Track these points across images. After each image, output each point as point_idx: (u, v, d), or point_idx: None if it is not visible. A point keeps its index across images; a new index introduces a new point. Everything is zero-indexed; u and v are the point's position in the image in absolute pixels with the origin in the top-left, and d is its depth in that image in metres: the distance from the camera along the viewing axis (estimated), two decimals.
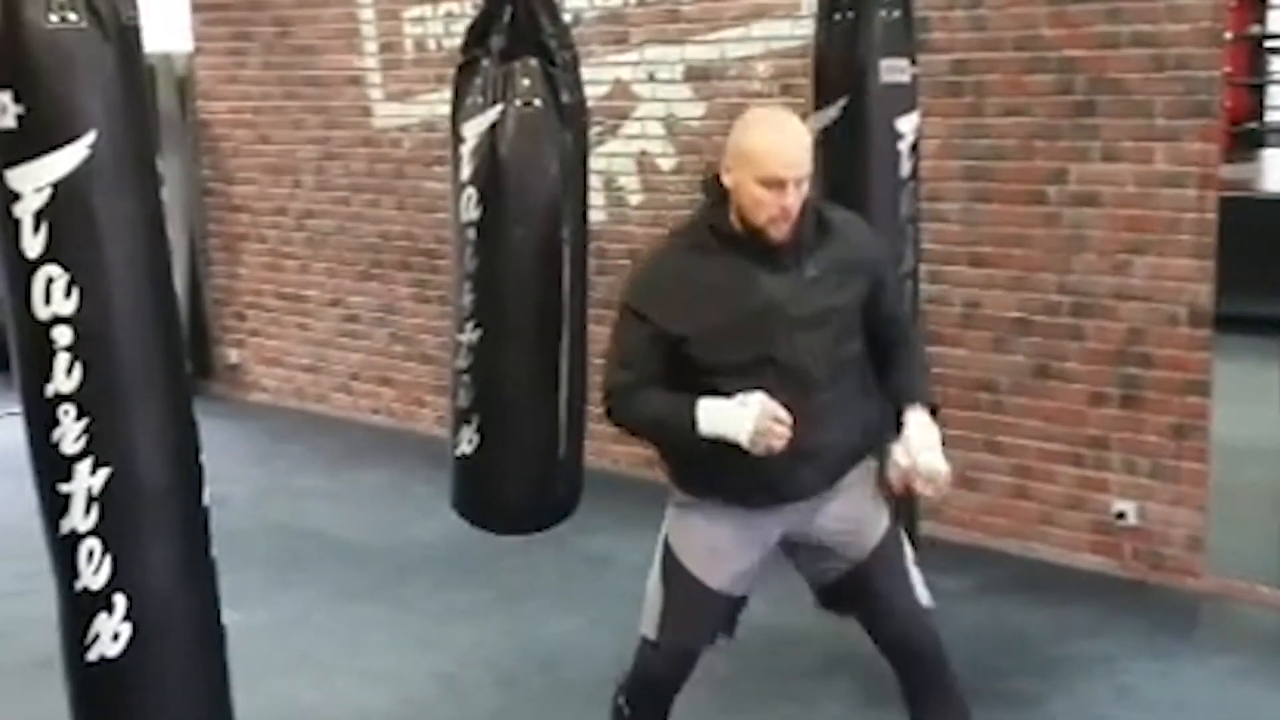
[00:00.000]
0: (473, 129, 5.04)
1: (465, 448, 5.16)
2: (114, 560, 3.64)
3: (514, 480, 5.22)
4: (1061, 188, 6.46)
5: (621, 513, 6.97)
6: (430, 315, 8.80)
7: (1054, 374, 6.59)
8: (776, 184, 3.83)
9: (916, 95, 5.31)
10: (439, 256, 8.45)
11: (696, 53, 7.66)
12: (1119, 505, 6.44)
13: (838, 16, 5.20)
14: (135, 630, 3.68)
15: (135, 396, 3.64)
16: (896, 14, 5.17)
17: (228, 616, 3.99)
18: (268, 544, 7.19)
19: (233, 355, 10.29)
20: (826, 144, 5.23)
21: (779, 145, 3.88)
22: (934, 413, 4.05)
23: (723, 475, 3.98)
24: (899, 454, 3.95)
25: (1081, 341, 6.49)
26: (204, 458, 3.86)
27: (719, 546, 4.10)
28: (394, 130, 9.08)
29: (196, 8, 10.02)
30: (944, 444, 3.99)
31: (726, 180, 3.92)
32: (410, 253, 9.04)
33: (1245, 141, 13.18)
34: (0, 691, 5.53)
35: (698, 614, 4.16)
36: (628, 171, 8.01)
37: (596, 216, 7.88)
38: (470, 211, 5.07)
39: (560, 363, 5.14)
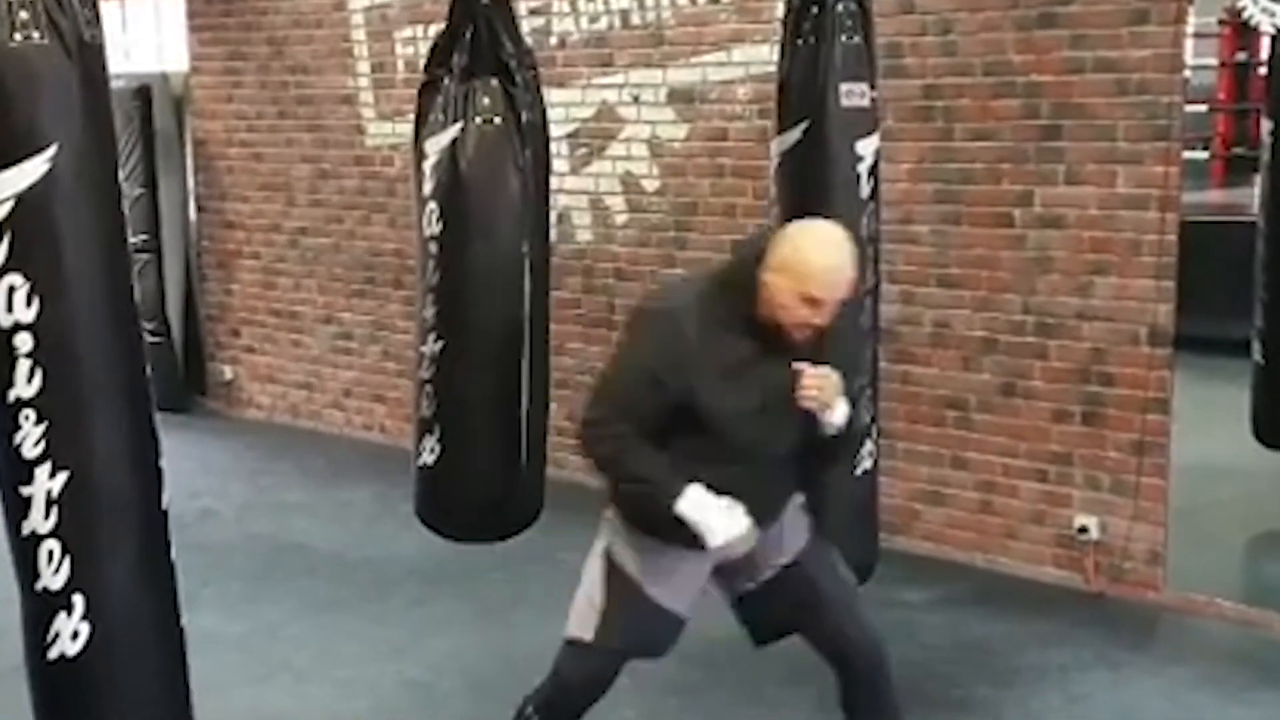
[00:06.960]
0: (434, 146, 5.21)
1: (427, 457, 5.35)
2: (72, 561, 3.70)
3: (474, 489, 5.38)
4: (1027, 210, 6.57)
5: None
6: None
7: (1019, 392, 6.70)
8: (815, 302, 3.92)
9: (877, 118, 5.44)
10: None
11: (679, 76, 7.77)
12: (1081, 520, 6.54)
13: (800, 42, 5.34)
14: (93, 629, 3.74)
15: (93, 403, 3.71)
16: (856, 39, 5.29)
17: (202, 624, 4.00)
18: (249, 557, 7.31)
19: (227, 372, 10.39)
20: (789, 166, 5.40)
21: (830, 269, 3.94)
22: None
23: (674, 525, 4.00)
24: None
25: (1045, 360, 6.60)
26: (165, 464, 3.91)
27: (672, 570, 4.16)
28: (385, 149, 9.19)
29: (193, 29, 10.15)
30: (913, 460, 4.01)
31: (765, 277, 3.94)
32: (402, 270, 9.12)
33: (1237, 167, 13.23)
34: None
35: (644, 628, 4.22)
36: (613, 192, 8.12)
37: (583, 236, 8.10)
38: (432, 226, 5.25)
39: (521, 375, 5.29)
